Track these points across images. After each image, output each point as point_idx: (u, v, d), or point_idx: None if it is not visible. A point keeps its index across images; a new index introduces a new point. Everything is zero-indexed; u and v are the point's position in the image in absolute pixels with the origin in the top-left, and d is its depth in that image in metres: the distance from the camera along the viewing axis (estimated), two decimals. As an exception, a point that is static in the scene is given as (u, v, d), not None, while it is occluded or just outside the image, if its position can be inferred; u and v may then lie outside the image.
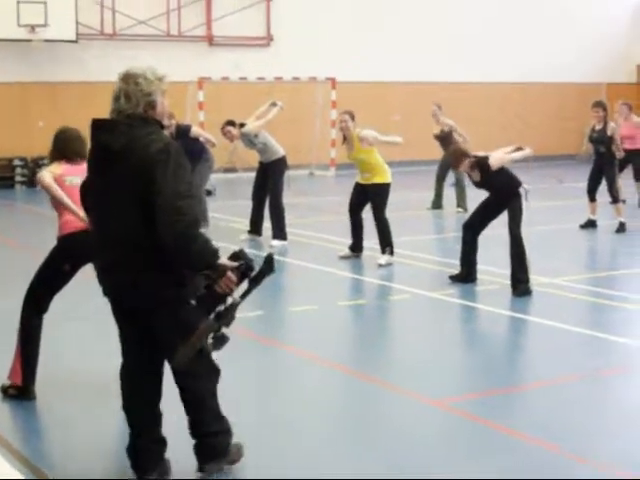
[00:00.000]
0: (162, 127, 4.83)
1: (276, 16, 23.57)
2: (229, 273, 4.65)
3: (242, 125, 12.81)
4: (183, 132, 13.53)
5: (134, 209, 4.66)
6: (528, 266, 9.52)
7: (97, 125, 4.84)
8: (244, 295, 4.74)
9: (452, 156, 10.17)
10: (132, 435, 5.06)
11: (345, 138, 11.55)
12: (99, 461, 5.39)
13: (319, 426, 5.99)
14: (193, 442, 5.11)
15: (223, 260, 4.67)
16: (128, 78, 4.75)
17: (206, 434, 5.07)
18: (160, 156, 4.60)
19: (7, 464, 5.23)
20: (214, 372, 5.05)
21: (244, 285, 4.77)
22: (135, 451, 5.03)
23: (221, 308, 4.71)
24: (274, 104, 13.30)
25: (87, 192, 5.03)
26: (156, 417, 5.09)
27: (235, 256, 4.72)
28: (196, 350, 4.70)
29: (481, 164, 9.69)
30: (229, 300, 4.70)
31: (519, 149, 10.11)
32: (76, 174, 6.27)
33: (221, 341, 4.73)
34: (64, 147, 6.46)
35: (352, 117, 11.40)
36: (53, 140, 6.55)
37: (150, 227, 4.61)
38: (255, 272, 4.74)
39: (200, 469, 5.08)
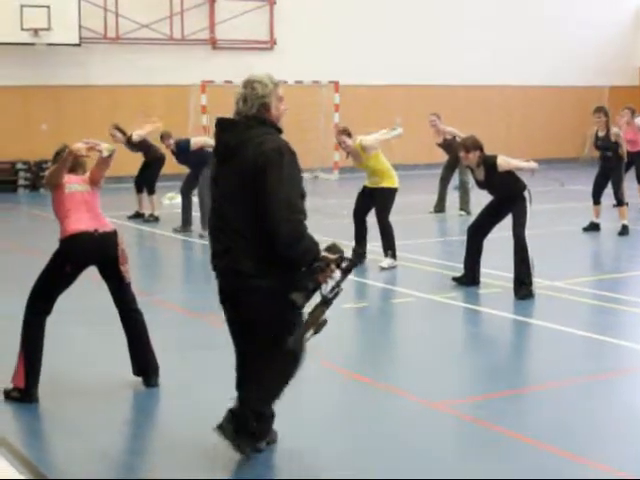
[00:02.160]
0: (280, 131, 5.27)
1: (279, 20, 23.61)
2: (332, 265, 5.04)
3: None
4: (184, 148, 13.57)
5: (244, 200, 5.02)
6: (532, 269, 9.51)
7: (220, 124, 5.27)
8: (339, 283, 5.13)
9: (467, 140, 9.88)
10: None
11: (348, 153, 11.61)
12: (99, 464, 5.39)
13: (320, 428, 5.98)
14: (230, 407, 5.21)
15: (324, 253, 5.06)
16: (247, 83, 5.21)
17: (252, 411, 5.19)
18: (274, 155, 4.99)
19: (8, 465, 5.24)
20: (293, 364, 5.25)
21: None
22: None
23: (326, 294, 5.08)
24: None
25: (214, 183, 5.31)
26: None
27: (330, 249, 5.11)
28: (310, 334, 5.09)
29: (489, 163, 9.64)
30: (325, 287, 5.07)
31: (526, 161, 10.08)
32: (76, 182, 6.60)
33: (323, 325, 5.14)
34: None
35: (349, 134, 11.45)
36: (54, 156, 6.69)
37: (255, 218, 4.99)
38: (346, 263, 5.12)
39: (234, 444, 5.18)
